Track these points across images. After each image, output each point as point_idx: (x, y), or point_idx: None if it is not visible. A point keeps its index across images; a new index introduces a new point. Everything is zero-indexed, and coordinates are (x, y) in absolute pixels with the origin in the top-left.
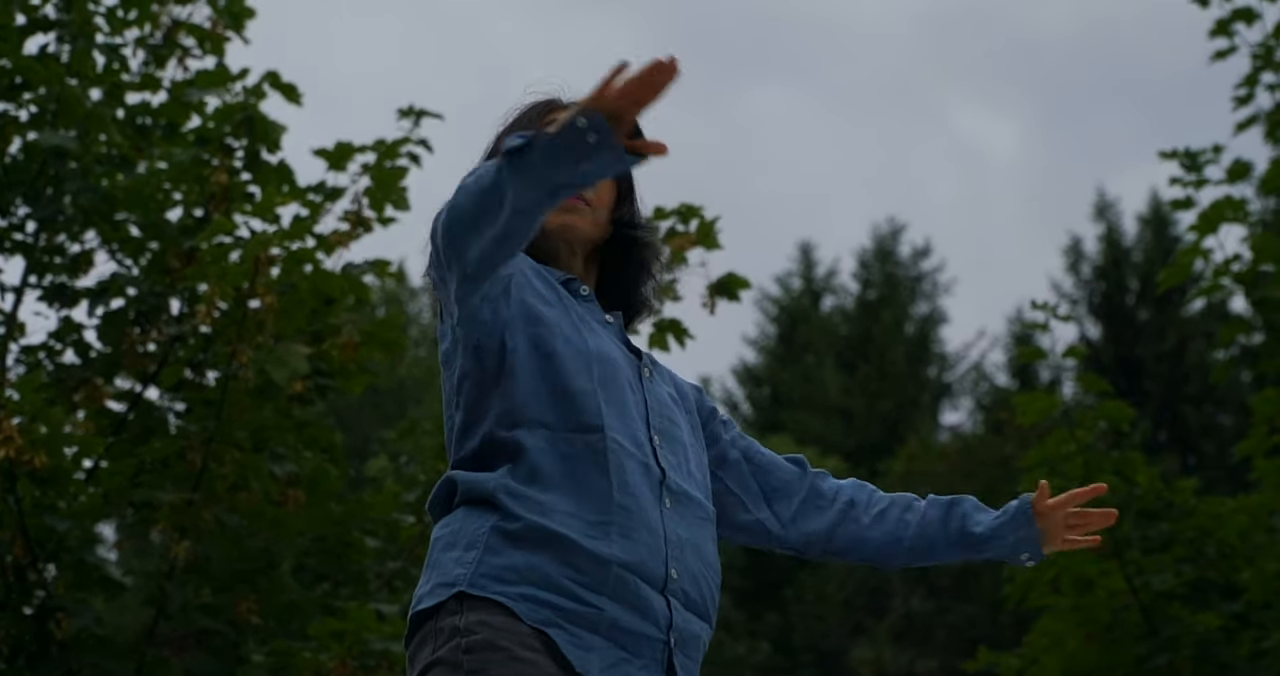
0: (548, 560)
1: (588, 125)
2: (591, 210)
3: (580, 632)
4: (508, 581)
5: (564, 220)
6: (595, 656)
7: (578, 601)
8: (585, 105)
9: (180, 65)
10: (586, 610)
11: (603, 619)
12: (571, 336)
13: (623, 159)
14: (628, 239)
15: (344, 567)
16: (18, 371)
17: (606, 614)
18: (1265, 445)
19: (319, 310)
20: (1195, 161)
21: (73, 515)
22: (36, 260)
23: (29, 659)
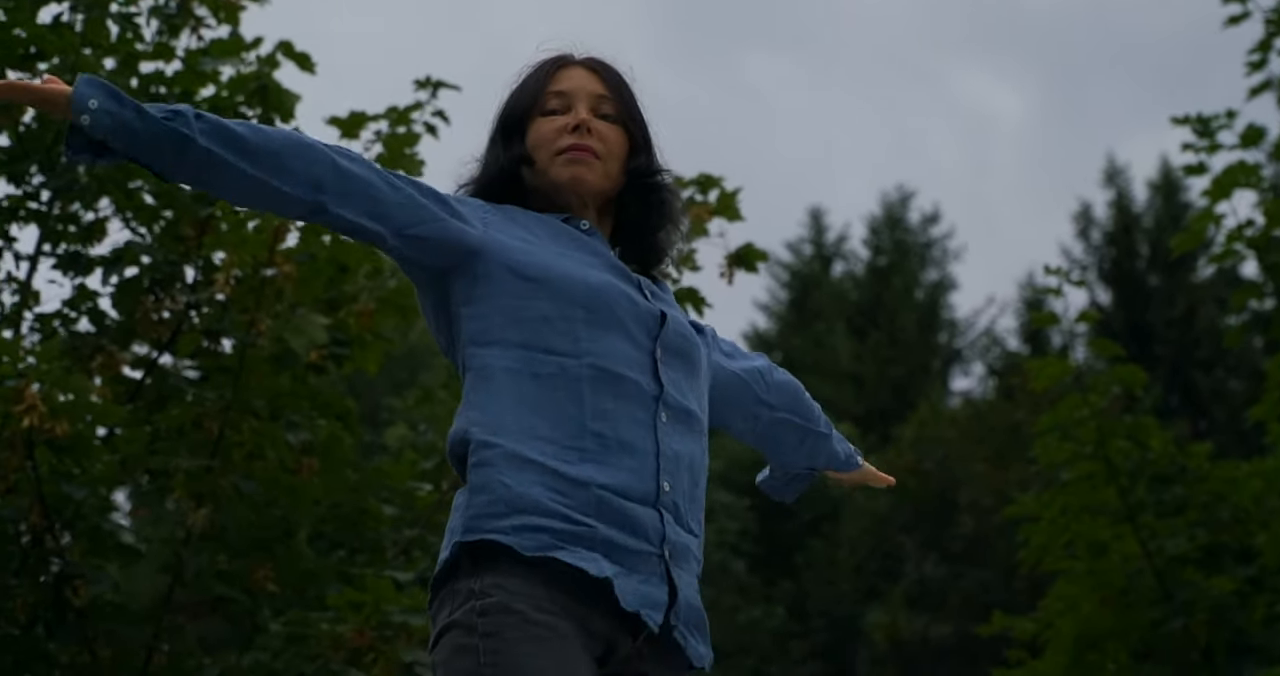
0: (532, 484)
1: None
2: (601, 163)
3: (579, 550)
4: (500, 515)
5: (573, 172)
6: (606, 564)
7: (570, 522)
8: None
9: (194, 34)
10: (580, 529)
11: (596, 536)
12: (552, 262)
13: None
14: (643, 187)
15: (360, 535)
16: (32, 339)
17: (599, 532)
18: (1277, 409)
19: (335, 278)
20: (1208, 127)
21: (90, 482)
22: (51, 229)
23: (46, 625)
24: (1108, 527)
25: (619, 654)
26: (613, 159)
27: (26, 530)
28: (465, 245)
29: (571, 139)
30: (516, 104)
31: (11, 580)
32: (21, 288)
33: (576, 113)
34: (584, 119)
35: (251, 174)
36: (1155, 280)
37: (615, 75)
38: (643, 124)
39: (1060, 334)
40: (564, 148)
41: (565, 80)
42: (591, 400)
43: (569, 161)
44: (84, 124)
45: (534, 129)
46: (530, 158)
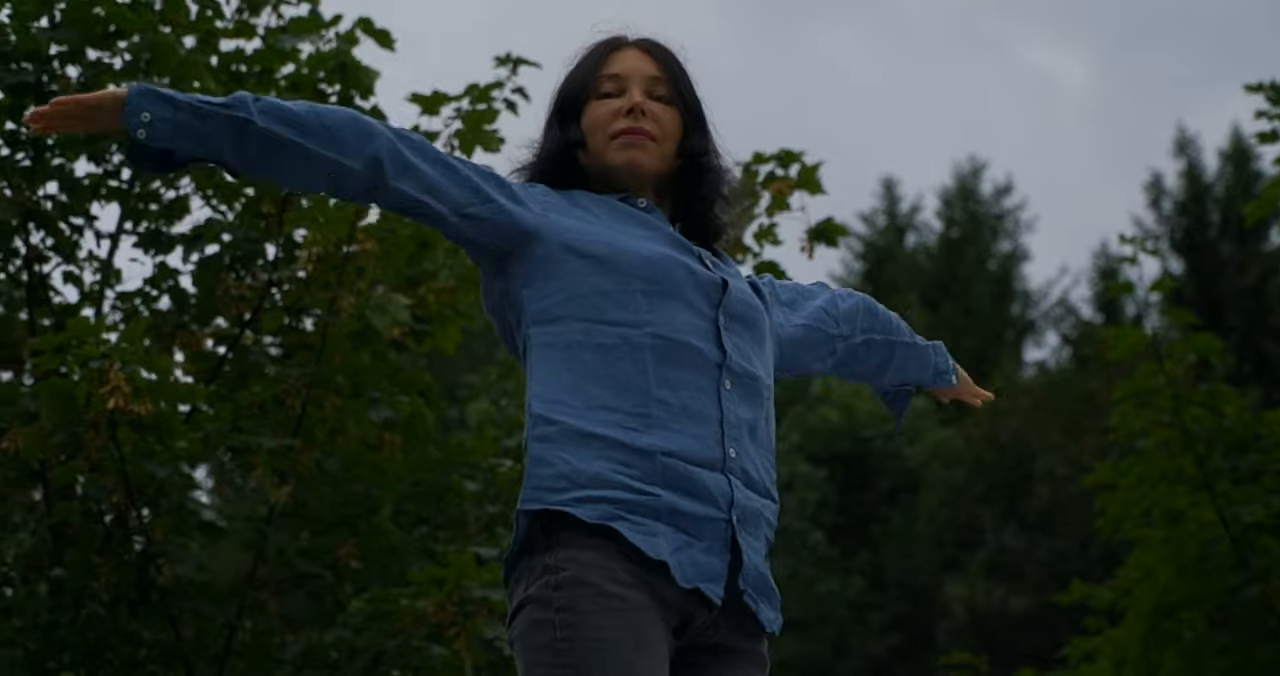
0: (594, 457)
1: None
2: (657, 144)
3: (643, 520)
4: (558, 489)
5: (629, 156)
6: (662, 540)
7: (634, 492)
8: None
9: (274, 12)
10: (644, 498)
11: (661, 504)
12: (611, 239)
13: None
14: (697, 168)
15: (443, 511)
16: (114, 318)
17: (664, 499)
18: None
19: (415, 255)
20: (1279, 92)
21: (172, 461)
22: (132, 207)
23: (130, 604)
24: (1184, 495)
25: (696, 623)
26: (668, 140)
27: (110, 509)
28: (522, 227)
29: (626, 122)
30: (571, 87)
31: (95, 558)
32: (103, 266)
33: (630, 95)
34: (638, 102)
35: (311, 151)
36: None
37: (668, 55)
38: (696, 104)
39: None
40: (619, 131)
41: (619, 62)
42: (655, 368)
43: (624, 145)
44: (142, 138)
45: (589, 112)
46: (585, 142)
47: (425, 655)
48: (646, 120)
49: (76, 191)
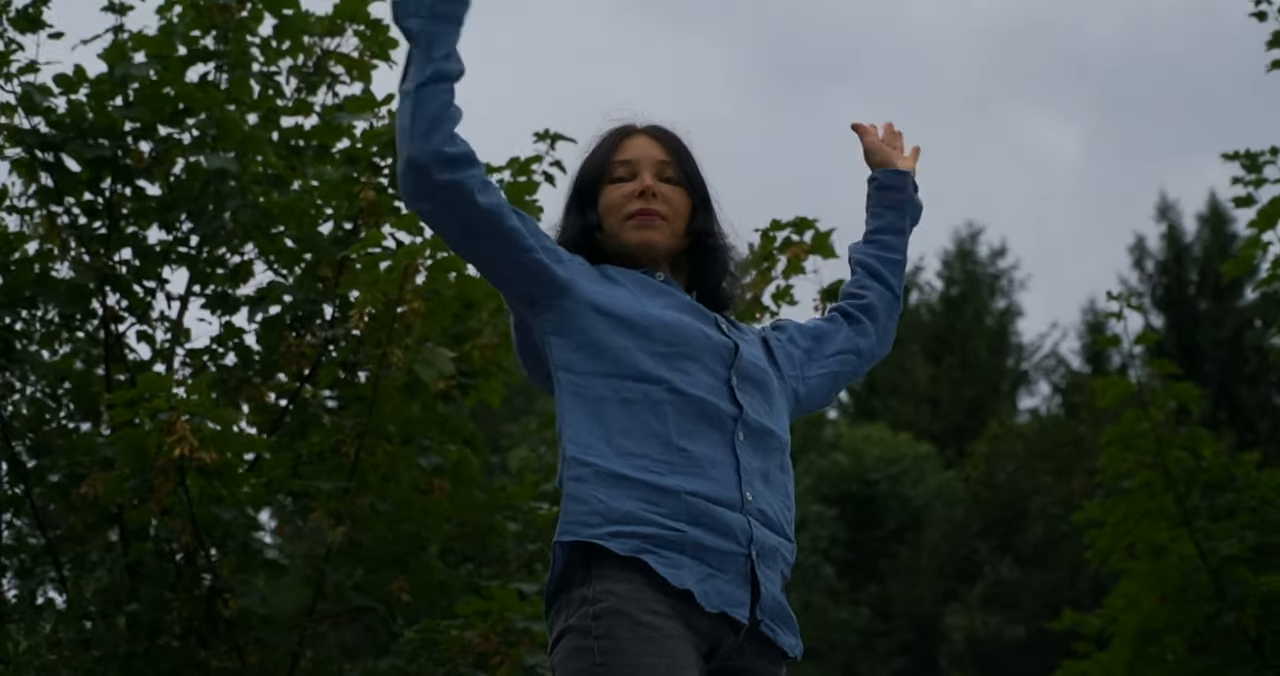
0: (625, 497)
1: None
2: (668, 223)
3: (669, 554)
4: (592, 525)
5: (643, 236)
6: (687, 571)
7: (661, 528)
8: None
9: (330, 91)
10: (671, 534)
11: (686, 540)
12: (634, 304)
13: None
14: (707, 247)
15: (487, 550)
16: (183, 373)
17: (689, 535)
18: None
19: (461, 314)
20: (1255, 162)
21: (237, 504)
22: (200, 271)
23: (199, 635)
24: (1165, 531)
25: (723, 648)
26: (678, 218)
27: (180, 549)
28: (555, 282)
29: (639, 204)
30: (587, 174)
31: (168, 594)
32: (173, 326)
33: (642, 179)
34: (649, 185)
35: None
36: (1205, 305)
37: (675, 141)
38: (702, 184)
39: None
40: (632, 212)
41: (630, 149)
42: (675, 420)
43: (638, 226)
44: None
45: (604, 196)
46: (601, 224)
47: None
48: (658, 201)
49: (149, 257)
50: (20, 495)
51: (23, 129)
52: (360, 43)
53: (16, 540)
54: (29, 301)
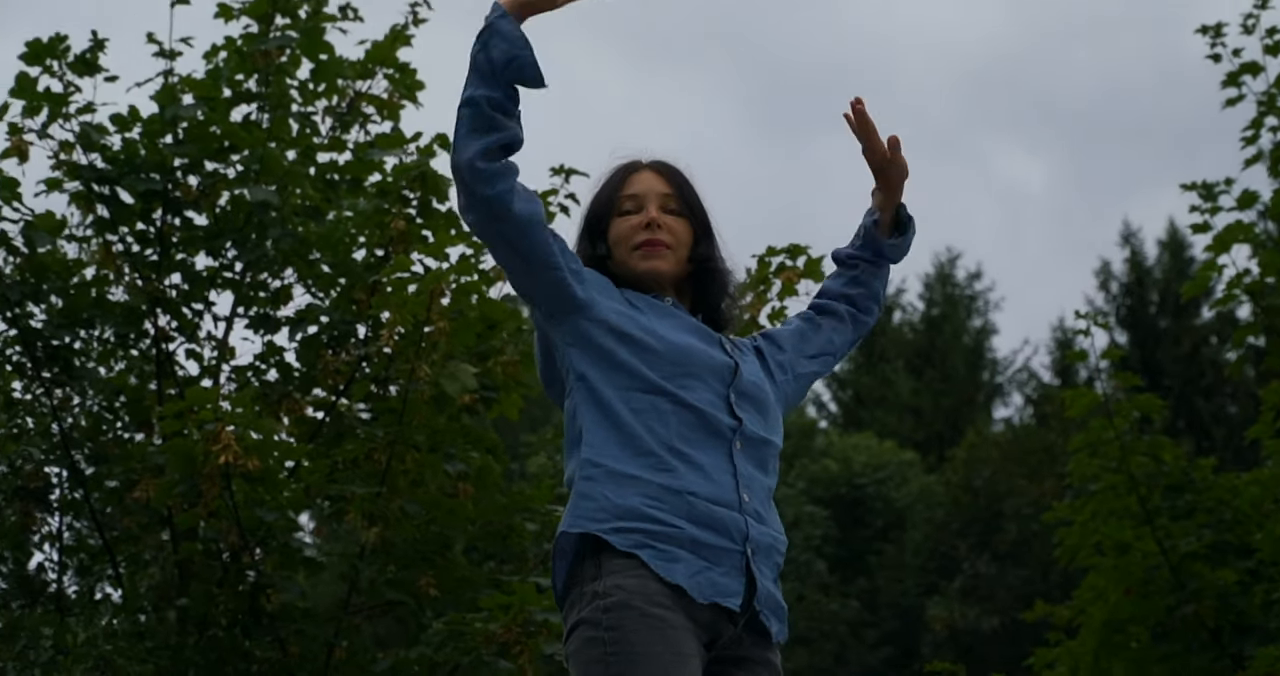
0: (631, 494)
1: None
2: (673, 251)
3: (667, 548)
4: (598, 520)
5: (649, 265)
6: (681, 566)
7: (661, 524)
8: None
9: (362, 129)
10: (670, 530)
11: (684, 536)
12: (647, 326)
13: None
14: (708, 271)
15: (507, 548)
16: (228, 388)
17: (687, 532)
18: (1272, 428)
19: (483, 334)
20: (1210, 192)
21: (278, 507)
22: (243, 295)
23: (243, 627)
24: (1129, 529)
25: (723, 638)
26: (681, 247)
27: (226, 548)
28: (574, 300)
29: (645, 235)
30: (597, 208)
31: (215, 590)
32: (219, 344)
33: (647, 212)
34: (654, 217)
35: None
36: (1165, 323)
37: (678, 175)
38: (703, 214)
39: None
40: (639, 243)
41: (636, 184)
42: (678, 429)
43: (645, 255)
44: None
45: (613, 228)
46: (610, 254)
47: (494, 669)
48: (662, 232)
49: (197, 281)
50: (80, 499)
51: (81, 165)
52: (389, 85)
53: (76, 540)
54: (87, 322)
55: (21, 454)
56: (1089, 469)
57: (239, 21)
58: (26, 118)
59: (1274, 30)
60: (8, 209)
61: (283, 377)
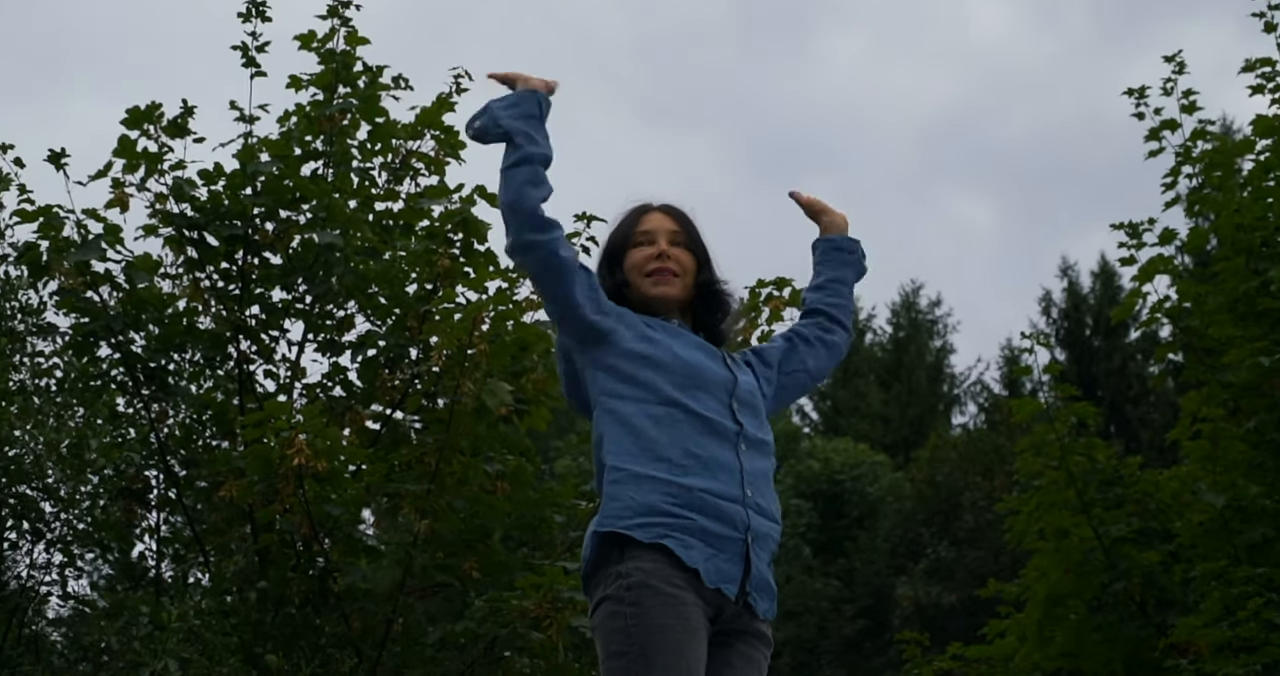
0: (652, 491)
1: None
2: (679, 278)
3: (684, 537)
4: (624, 517)
5: (660, 290)
6: (697, 552)
7: (677, 517)
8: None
9: (413, 182)
10: (684, 521)
11: (695, 526)
12: (662, 347)
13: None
14: (708, 295)
15: (539, 537)
16: (300, 402)
17: (697, 523)
18: (1189, 432)
19: (517, 355)
20: (1136, 230)
21: (344, 503)
22: (313, 323)
23: (314, 606)
24: (1068, 518)
25: (725, 613)
26: (687, 274)
27: (299, 539)
28: (595, 331)
29: (656, 263)
30: (614, 241)
31: (289, 574)
32: (292, 366)
33: (658, 244)
34: (664, 249)
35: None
36: (1098, 342)
37: (683, 215)
38: (704, 248)
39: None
40: (651, 270)
41: (648, 222)
42: (690, 434)
43: (655, 282)
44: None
45: (628, 258)
46: (626, 281)
47: (528, 639)
48: (671, 261)
49: (273, 312)
50: (174, 498)
51: (173, 213)
52: (436, 144)
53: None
54: (179, 347)
55: (125, 459)
56: (1034, 466)
57: (307, 90)
58: (127, 173)
59: (1189, 92)
60: (112, 251)
61: (346, 393)
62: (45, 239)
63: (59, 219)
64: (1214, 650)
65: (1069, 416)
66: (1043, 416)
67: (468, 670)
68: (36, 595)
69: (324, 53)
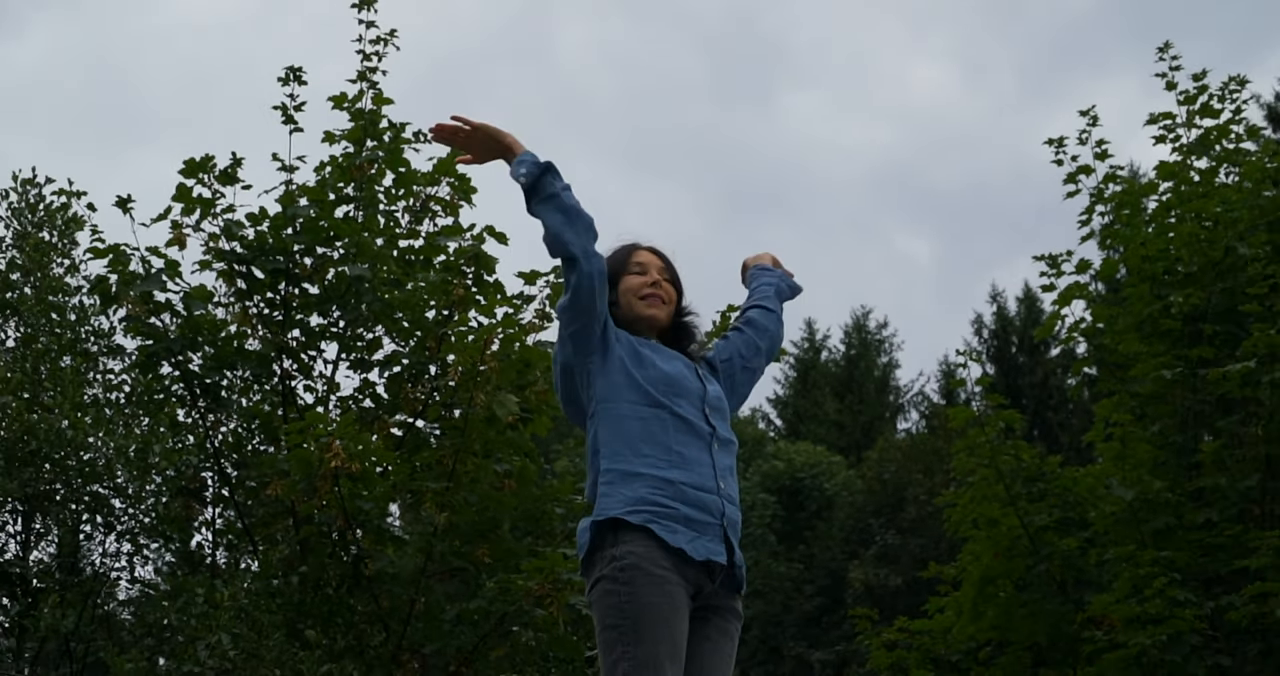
0: (640, 486)
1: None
2: (666, 306)
3: (669, 523)
4: (617, 507)
5: (652, 311)
6: (680, 535)
7: (662, 506)
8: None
9: (431, 222)
10: (668, 509)
11: (679, 514)
12: (649, 361)
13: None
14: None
15: (541, 527)
16: (335, 413)
17: (681, 511)
18: (1102, 435)
19: (522, 371)
20: (1055, 262)
21: (373, 499)
22: (345, 344)
23: (348, 588)
24: (998, 509)
25: (704, 591)
26: (670, 304)
27: (335, 530)
28: (605, 342)
29: (650, 289)
30: (612, 267)
31: (326, 560)
32: (328, 381)
33: (651, 275)
34: (656, 278)
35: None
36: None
37: (666, 257)
38: (680, 284)
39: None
40: (645, 294)
41: (641, 257)
42: (674, 433)
43: (649, 304)
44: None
45: (624, 282)
46: (619, 301)
47: (533, 615)
48: (661, 290)
49: (311, 335)
50: (227, 495)
51: (224, 250)
52: (450, 190)
53: (225, 525)
54: (230, 365)
55: (184, 462)
56: (968, 465)
57: (340, 144)
58: (184, 216)
59: (1102, 142)
60: (171, 283)
61: (375, 404)
62: (114, 273)
63: (126, 256)
64: (1125, 623)
65: (998, 422)
66: (975, 422)
67: (481, 642)
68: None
69: (354, 111)
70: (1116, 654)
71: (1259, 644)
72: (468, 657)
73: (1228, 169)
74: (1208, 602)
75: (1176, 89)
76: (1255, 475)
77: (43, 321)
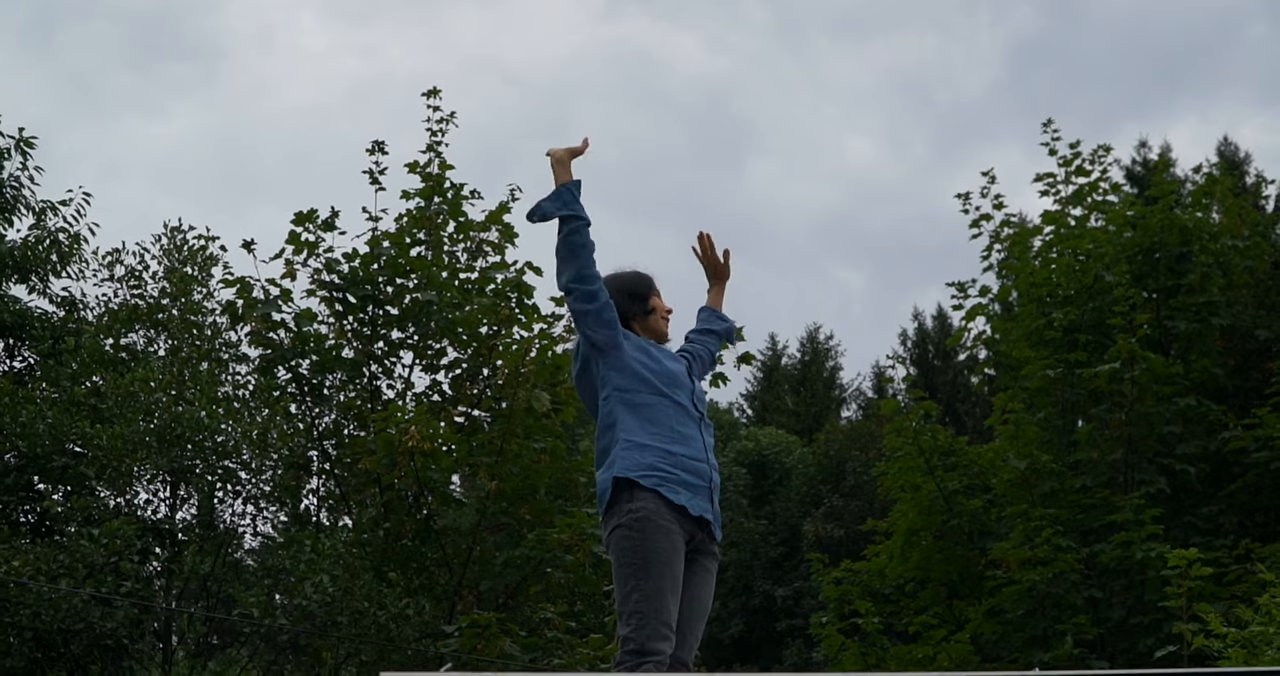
0: (650, 455)
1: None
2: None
3: (672, 486)
4: (633, 470)
5: (667, 331)
6: (682, 496)
7: (667, 472)
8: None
9: (483, 259)
10: (671, 474)
11: (680, 479)
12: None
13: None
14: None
15: (569, 492)
16: (411, 406)
17: (681, 477)
18: (1000, 420)
19: (554, 373)
20: (962, 287)
21: (441, 471)
22: (419, 353)
23: (421, 539)
24: (920, 477)
25: (695, 540)
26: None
27: (411, 495)
28: (617, 343)
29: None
30: (641, 286)
31: (404, 518)
32: (405, 381)
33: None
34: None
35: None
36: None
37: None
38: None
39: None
40: (668, 315)
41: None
42: (675, 416)
43: (667, 324)
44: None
45: (653, 300)
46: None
47: (563, 560)
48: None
49: (392, 346)
50: (328, 469)
51: (326, 281)
52: (499, 234)
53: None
54: (330, 370)
55: (295, 444)
56: (896, 443)
57: (414, 200)
58: (295, 255)
59: (998, 196)
60: (285, 307)
61: (441, 399)
62: (241, 299)
63: (250, 286)
64: (1019, 564)
65: (919, 410)
66: (901, 411)
67: (523, 581)
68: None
69: (424, 174)
70: (1012, 588)
71: (1122, 580)
72: (513, 592)
73: (1096, 216)
74: (1084, 549)
75: (1057, 155)
76: (1119, 450)
77: (185, 336)
